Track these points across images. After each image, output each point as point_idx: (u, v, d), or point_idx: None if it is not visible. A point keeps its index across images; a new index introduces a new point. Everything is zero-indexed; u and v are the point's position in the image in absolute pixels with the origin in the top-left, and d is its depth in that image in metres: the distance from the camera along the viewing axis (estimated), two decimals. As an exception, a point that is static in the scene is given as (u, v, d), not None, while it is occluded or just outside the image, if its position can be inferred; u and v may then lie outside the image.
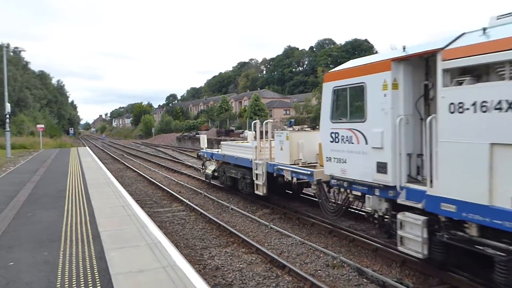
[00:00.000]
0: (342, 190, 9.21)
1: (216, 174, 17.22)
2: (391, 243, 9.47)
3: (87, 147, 45.97)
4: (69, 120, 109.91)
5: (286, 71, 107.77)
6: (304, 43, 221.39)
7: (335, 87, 9.01)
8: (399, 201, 7.51)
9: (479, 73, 6.15)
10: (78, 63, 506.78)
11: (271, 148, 12.81)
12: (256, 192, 13.32)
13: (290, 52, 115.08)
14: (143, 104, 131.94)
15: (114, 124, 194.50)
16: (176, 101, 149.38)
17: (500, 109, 5.62)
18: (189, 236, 10.82)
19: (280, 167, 11.82)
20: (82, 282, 5.49)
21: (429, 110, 7.50)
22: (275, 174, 12.34)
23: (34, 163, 24.04)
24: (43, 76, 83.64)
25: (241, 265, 8.46)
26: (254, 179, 13.26)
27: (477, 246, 6.21)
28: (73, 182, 15.02)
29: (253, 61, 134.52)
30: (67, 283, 5.49)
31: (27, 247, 7.17)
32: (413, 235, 7.18)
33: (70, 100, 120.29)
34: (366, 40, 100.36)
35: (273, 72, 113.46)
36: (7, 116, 32.28)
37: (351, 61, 9.30)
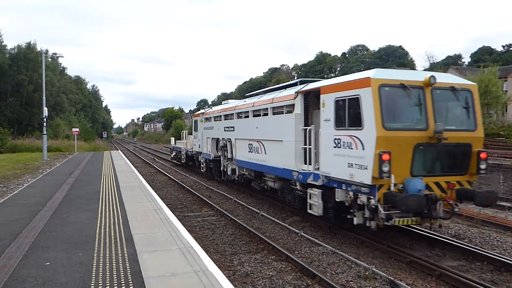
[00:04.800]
0: (199, 156, 25.16)
1: (174, 157, 34.63)
2: (425, 256, 9.26)
3: (119, 151, 47.06)
4: (103, 124, 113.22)
5: (318, 78, 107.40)
6: (337, 49, 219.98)
7: (194, 120, 26.60)
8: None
9: (209, 118, 22.69)
10: (112, 68, 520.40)
11: (187, 143, 29.51)
12: (182, 161, 30.97)
13: (322, 58, 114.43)
14: (174, 108, 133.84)
15: (145, 128, 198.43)
16: (206, 106, 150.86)
17: (210, 128, 22.33)
18: (219, 241, 10.87)
19: (187, 150, 28.94)
20: (116, 284, 5.59)
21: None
22: (188, 153, 28.87)
23: (69, 166, 24.78)
24: (78, 81, 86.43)
25: (270, 273, 8.42)
26: (182, 156, 30.65)
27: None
28: (107, 185, 15.37)
29: (284, 67, 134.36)
30: (101, 284, 5.61)
31: (62, 247, 7.37)
32: (203, 163, 24.32)
33: (104, 104, 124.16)
34: (400, 47, 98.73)
35: (304, 78, 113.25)
36: (45, 120, 33.48)
37: (201, 110, 25.57)
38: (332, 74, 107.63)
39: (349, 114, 9.79)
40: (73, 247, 7.35)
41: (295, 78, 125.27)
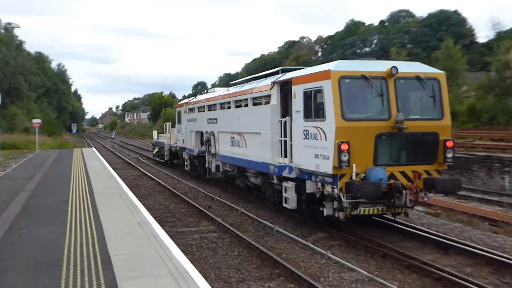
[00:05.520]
0: (183, 152, 28.09)
1: (157, 153, 38.07)
2: (492, 284, 9.14)
3: (93, 148, 47.31)
4: (72, 114, 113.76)
5: (348, 53, 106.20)
6: (373, 17, 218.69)
7: (177, 110, 30.32)
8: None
9: (192, 109, 25.93)
10: (84, 42, 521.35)
11: (170, 137, 31.93)
12: (165, 159, 33.86)
13: (354, 28, 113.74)
14: (164, 94, 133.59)
15: (127, 119, 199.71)
16: (205, 91, 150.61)
17: (193, 120, 25.49)
18: (221, 265, 10.87)
19: (171, 145, 31.37)
20: (90, 320, 5.59)
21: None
22: (172, 149, 31.34)
23: (29, 167, 24.95)
24: (40, 59, 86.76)
25: (289, 306, 8.39)
26: (165, 153, 33.36)
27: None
28: (77, 192, 15.45)
29: (305, 40, 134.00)
30: (71, 319, 5.60)
31: (21, 271, 7.38)
32: (187, 160, 27.20)
33: (73, 88, 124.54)
34: (456, 12, 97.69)
35: (331, 54, 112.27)
36: (-3, 108, 33.63)
37: (185, 99, 33.04)
38: (366, 49, 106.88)
39: (314, 106, 12.52)
40: (35, 272, 7.35)
41: (319, 53, 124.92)
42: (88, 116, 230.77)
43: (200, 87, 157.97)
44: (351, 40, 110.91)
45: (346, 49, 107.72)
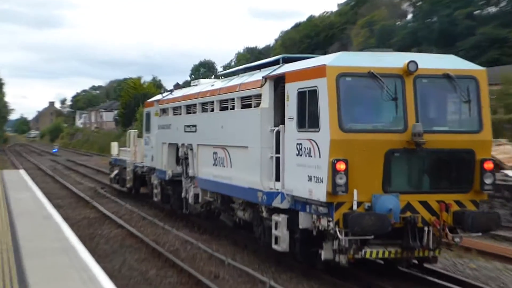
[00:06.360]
0: (151, 175, 32.04)
1: (115, 178, 39.87)
2: None
3: (20, 171, 47.52)
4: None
5: (458, 16, 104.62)
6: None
7: (145, 112, 36.97)
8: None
9: (165, 110, 31.14)
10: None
11: (136, 152, 35.43)
12: (127, 186, 37.35)
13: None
14: (143, 81, 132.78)
15: (79, 121, 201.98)
16: (213, 76, 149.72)
17: (166, 127, 29.65)
18: None
19: (136, 164, 35.29)
20: None
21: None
22: (137, 171, 35.24)
23: None
24: None
25: None
26: (128, 176, 36.56)
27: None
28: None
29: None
30: None
31: None
32: (157, 186, 31.88)
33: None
34: None
35: (428, 17, 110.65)
36: None
37: (157, 96, 38.27)
38: (491, 8, 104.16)
39: (309, 111, 14.37)
40: None
41: (409, 16, 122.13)
42: (14, 116, 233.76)
43: (204, 70, 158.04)
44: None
45: (455, 8, 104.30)
